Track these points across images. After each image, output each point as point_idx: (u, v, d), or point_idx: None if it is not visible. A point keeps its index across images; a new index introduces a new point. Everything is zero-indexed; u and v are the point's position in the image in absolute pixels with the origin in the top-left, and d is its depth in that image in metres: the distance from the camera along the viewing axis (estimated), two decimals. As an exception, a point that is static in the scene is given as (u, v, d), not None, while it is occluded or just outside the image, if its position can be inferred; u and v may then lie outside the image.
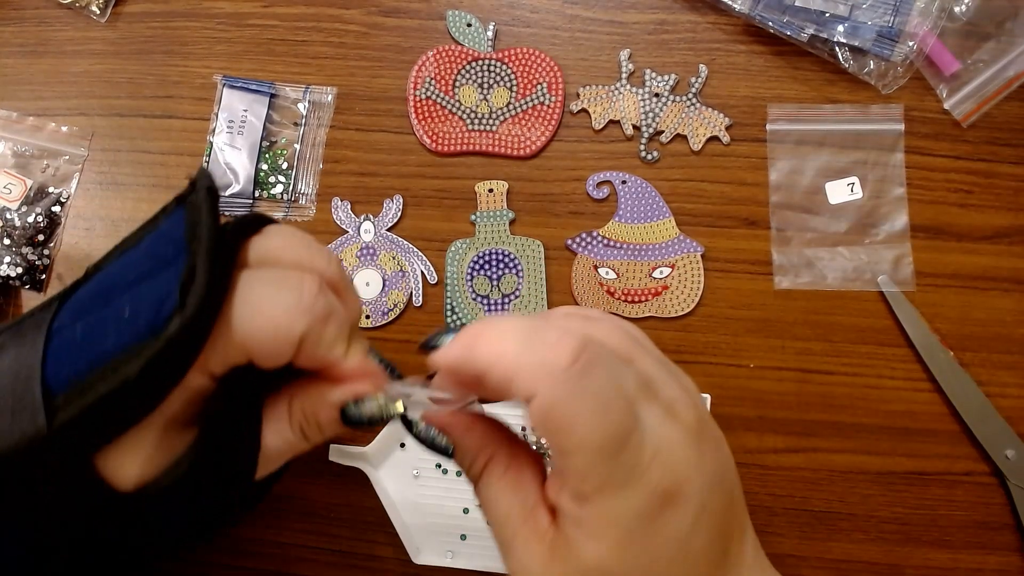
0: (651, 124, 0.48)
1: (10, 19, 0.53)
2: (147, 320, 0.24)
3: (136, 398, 0.25)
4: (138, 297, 0.25)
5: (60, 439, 0.24)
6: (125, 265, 0.27)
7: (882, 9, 0.46)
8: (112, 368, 0.24)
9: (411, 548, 0.43)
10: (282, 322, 0.26)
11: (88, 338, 0.25)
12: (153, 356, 0.24)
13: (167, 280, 0.25)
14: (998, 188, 0.46)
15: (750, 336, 0.46)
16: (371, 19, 0.51)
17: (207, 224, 0.26)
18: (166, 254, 0.26)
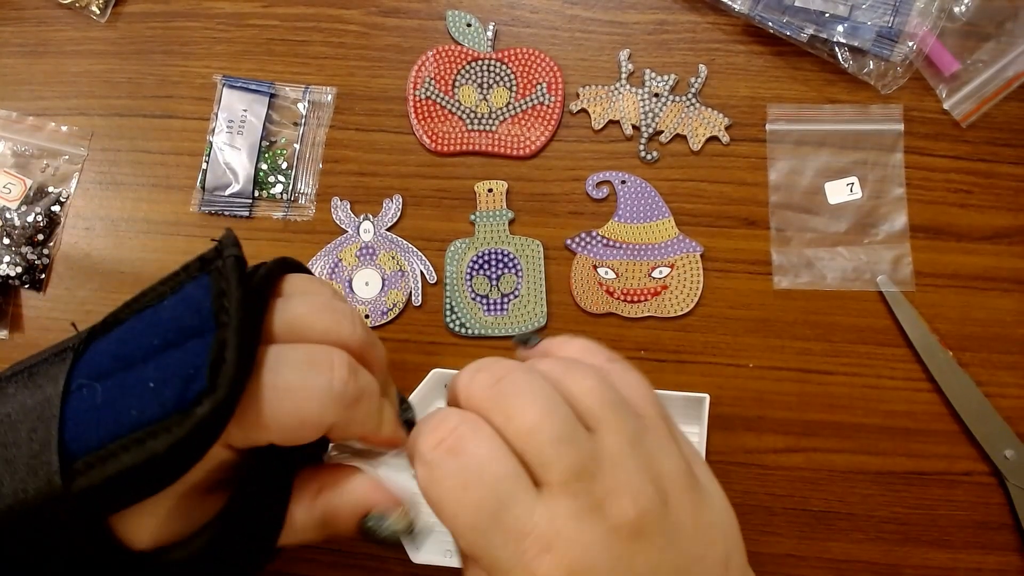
0: (651, 124, 0.48)
1: (10, 19, 0.53)
2: (173, 395, 0.24)
3: (158, 471, 0.24)
4: (164, 368, 0.25)
5: (77, 503, 0.24)
6: (147, 327, 0.26)
7: (882, 9, 0.46)
8: (137, 440, 0.24)
9: (410, 547, 0.42)
10: (312, 411, 0.25)
11: (110, 405, 0.24)
12: (184, 435, 0.23)
13: (195, 353, 0.24)
14: (998, 188, 0.46)
15: (749, 336, 0.46)
16: (371, 19, 0.51)
17: (236, 298, 0.25)
18: (192, 323, 0.25)
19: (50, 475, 0.23)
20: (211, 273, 0.27)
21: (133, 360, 0.25)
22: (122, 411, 0.24)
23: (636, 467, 0.24)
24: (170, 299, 0.27)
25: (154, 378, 0.24)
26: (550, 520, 0.22)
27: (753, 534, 0.44)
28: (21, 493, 0.23)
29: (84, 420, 0.24)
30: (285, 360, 0.25)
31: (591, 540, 0.22)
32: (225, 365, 0.24)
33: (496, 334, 0.47)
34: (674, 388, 0.45)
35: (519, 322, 0.47)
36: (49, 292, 0.50)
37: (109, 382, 0.25)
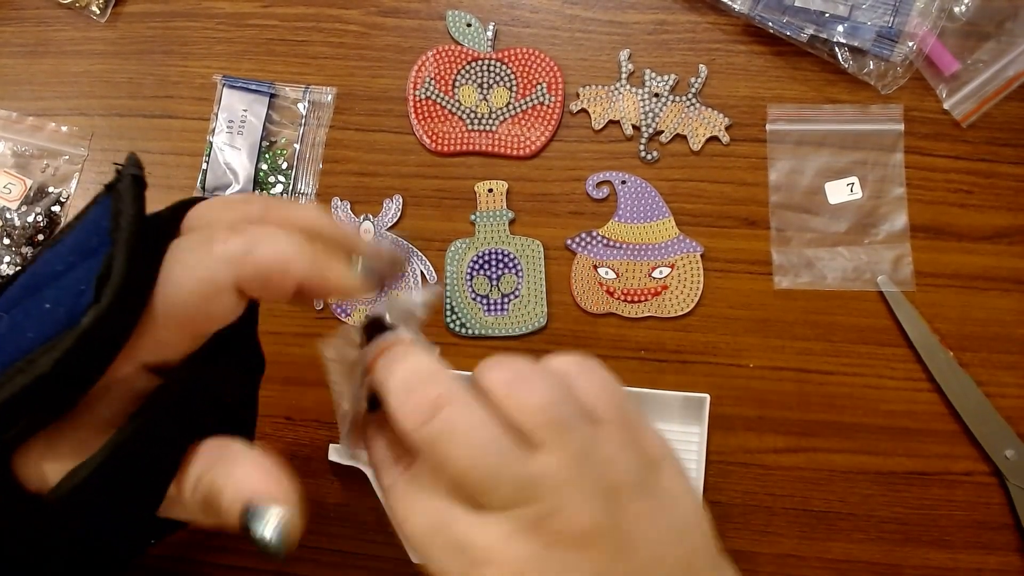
0: (651, 124, 0.48)
1: (10, 19, 0.53)
2: (66, 312, 0.23)
3: (53, 393, 0.24)
4: (60, 289, 0.24)
5: None
6: (53, 257, 0.26)
7: (882, 9, 0.46)
8: (30, 361, 0.23)
9: (410, 548, 0.42)
10: (201, 273, 0.25)
11: (13, 331, 0.24)
12: (67, 349, 0.23)
13: (87, 270, 0.24)
14: (998, 188, 0.46)
15: (750, 336, 0.46)
16: (371, 19, 0.51)
17: (129, 213, 0.25)
18: (90, 244, 0.25)
19: None
20: (111, 195, 0.26)
21: (37, 287, 0.25)
22: (20, 336, 0.24)
23: (580, 484, 0.24)
24: (77, 227, 0.26)
25: (51, 299, 0.24)
26: (485, 538, 0.23)
27: (754, 534, 0.44)
28: None
29: None
30: (176, 247, 0.25)
31: (528, 555, 0.23)
32: (112, 275, 0.23)
33: (496, 334, 0.47)
34: (675, 388, 0.45)
35: (519, 322, 0.47)
36: (49, 292, 0.50)
37: (14, 311, 0.24)
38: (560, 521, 0.23)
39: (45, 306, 0.24)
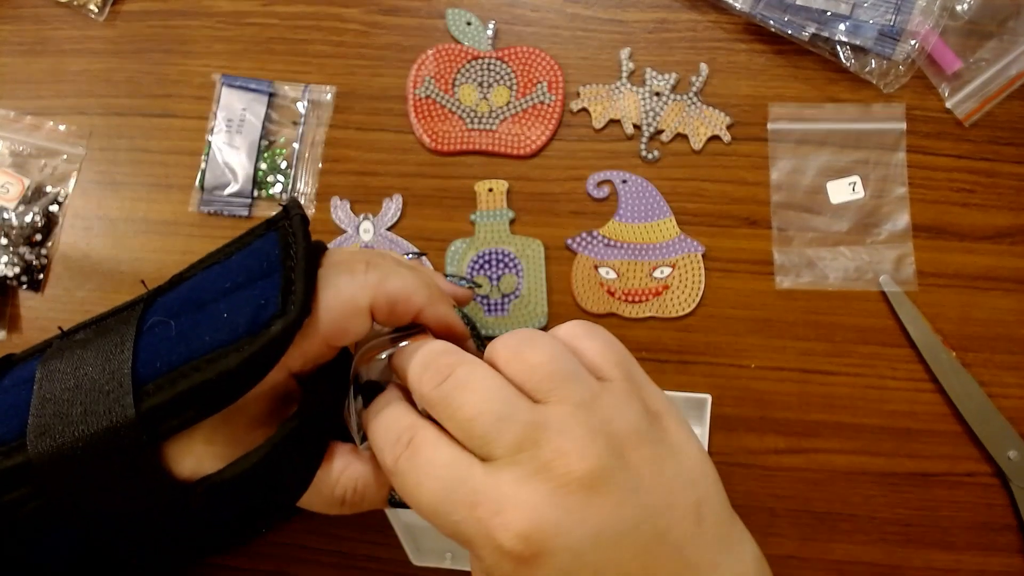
0: (652, 123, 0.48)
1: (8, 18, 0.53)
2: (246, 322, 0.27)
3: (225, 389, 0.27)
4: (236, 302, 0.28)
5: (145, 423, 0.26)
6: (217, 276, 0.29)
7: (884, 8, 0.46)
8: (209, 360, 0.27)
9: (410, 549, 0.42)
10: (349, 295, 0.29)
11: (184, 336, 0.27)
12: (255, 351, 0.27)
13: (264, 289, 0.28)
14: (1000, 187, 0.46)
15: (751, 336, 0.46)
16: (371, 18, 0.51)
17: (303, 244, 0.29)
18: (260, 269, 0.29)
19: (122, 399, 0.26)
20: (279, 229, 0.30)
21: (204, 302, 0.28)
22: (194, 339, 0.27)
23: (583, 429, 0.25)
24: (239, 254, 0.30)
25: (226, 310, 0.28)
26: (496, 487, 0.24)
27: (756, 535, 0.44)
28: (92, 419, 0.26)
29: (157, 352, 0.27)
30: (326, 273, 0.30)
31: (538, 499, 0.24)
32: (295, 291, 0.28)
33: (497, 334, 0.46)
34: (676, 388, 0.45)
35: (520, 322, 0.46)
36: (47, 292, 0.50)
37: (182, 319, 0.28)
38: (565, 463, 0.24)
39: (223, 315, 0.28)
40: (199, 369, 0.26)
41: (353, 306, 0.30)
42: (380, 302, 0.30)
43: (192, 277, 0.30)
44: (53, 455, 0.26)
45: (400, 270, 0.31)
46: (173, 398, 0.26)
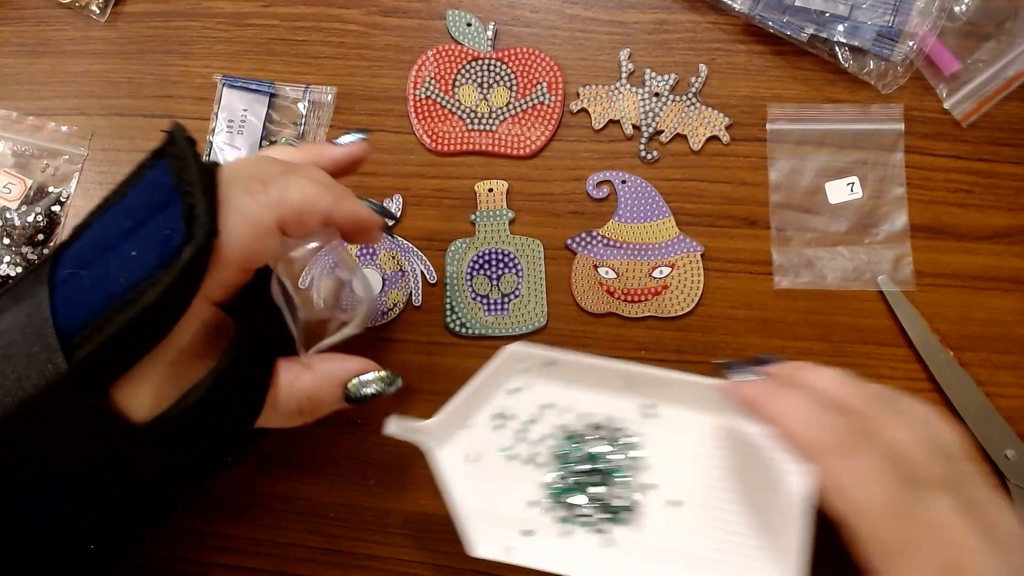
0: (651, 124, 0.48)
1: (10, 19, 0.53)
2: (156, 255, 0.27)
3: (151, 325, 0.28)
4: (141, 239, 0.28)
5: (80, 375, 0.26)
6: (117, 216, 0.29)
7: (882, 9, 0.46)
8: (129, 300, 0.27)
9: (465, 538, 0.39)
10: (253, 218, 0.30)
11: (97, 282, 0.27)
12: (171, 281, 0.27)
13: (167, 219, 0.28)
14: (998, 188, 0.46)
15: (750, 336, 0.46)
16: (371, 19, 0.51)
17: (195, 168, 0.29)
18: (157, 201, 0.29)
19: (51, 355, 0.26)
20: (167, 156, 0.30)
21: (110, 244, 0.28)
22: (109, 283, 0.27)
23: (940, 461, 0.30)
24: (132, 191, 0.30)
25: (134, 249, 0.28)
26: (922, 501, 0.28)
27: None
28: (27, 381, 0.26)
29: (75, 302, 0.27)
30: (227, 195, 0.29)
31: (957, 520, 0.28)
32: (198, 217, 0.28)
33: (497, 334, 0.47)
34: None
35: (519, 322, 0.47)
36: (49, 292, 0.50)
37: (92, 267, 0.28)
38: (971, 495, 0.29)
39: (131, 254, 0.28)
40: (120, 311, 0.27)
41: (261, 228, 0.30)
42: (287, 217, 0.30)
43: (92, 224, 0.30)
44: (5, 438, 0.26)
45: (297, 180, 0.31)
46: (103, 344, 0.26)
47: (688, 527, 0.39)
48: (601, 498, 0.39)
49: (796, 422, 0.31)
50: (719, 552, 0.38)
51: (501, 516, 0.40)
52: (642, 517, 0.39)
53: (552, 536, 0.39)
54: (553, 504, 0.40)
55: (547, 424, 0.41)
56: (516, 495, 0.40)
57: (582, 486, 0.40)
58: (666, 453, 0.40)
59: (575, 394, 0.41)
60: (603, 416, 0.41)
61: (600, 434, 0.41)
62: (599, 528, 0.39)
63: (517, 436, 0.41)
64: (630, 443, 0.40)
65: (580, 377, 0.41)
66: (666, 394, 0.40)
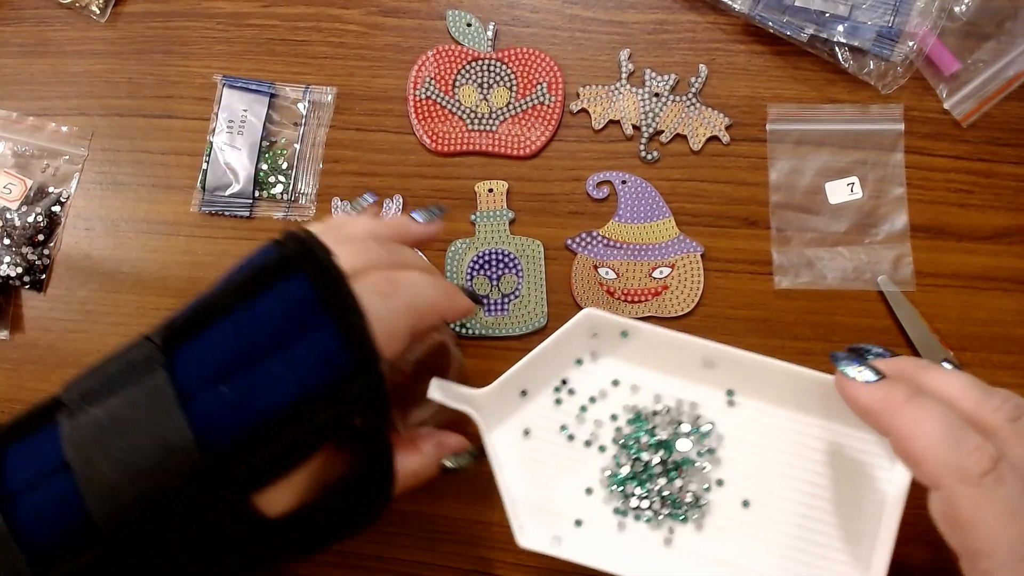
0: (651, 124, 0.48)
1: (10, 19, 0.53)
2: (318, 380, 0.28)
3: (309, 445, 0.28)
4: (294, 359, 0.28)
5: (228, 488, 0.27)
6: (250, 326, 0.29)
7: (882, 9, 0.46)
8: (290, 421, 0.27)
9: (515, 524, 0.35)
10: (390, 326, 0.30)
11: (248, 401, 0.27)
12: (344, 408, 0.28)
13: (321, 341, 0.28)
14: (998, 188, 0.46)
15: (750, 336, 0.46)
16: (371, 19, 0.51)
17: (345, 290, 0.29)
18: (302, 316, 0.29)
19: (193, 471, 0.26)
20: (306, 271, 0.30)
21: (248, 360, 0.28)
22: (260, 402, 0.27)
23: None
24: (266, 299, 0.29)
25: (287, 370, 0.28)
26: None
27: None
28: (168, 497, 0.26)
29: (220, 419, 0.27)
30: (364, 303, 0.30)
31: None
32: (365, 346, 0.28)
33: (497, 334, 0.47)
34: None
35: (519, 322, 0.47)
36: (49, 292, 0.50)
37: (235, 382, 0.27)
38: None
39: (285, 376, 0.28)
40: (281, 432, 0.27)
41: (397, 333, 0.31)
42: (414, 322, 0.32)
43: (212, 328, 0.29)
44: (133, 540, 0.26)
45: (417, 281, 0.33)
46: (255, 465, 0.27)
47: (759, 533, 0.35)
48: (665, 491, 0.36)
49: (928, 442, 0.27)
50: (790, 561, 0.35)
51: (553, 501, 0.37)
52: (708, 517, 0.36)
53: (606, 529, 0.36)
54: (611, 493, 0.37)
55: (613, 404, 0.37)
56: (571, 480, 0.37)
57: (645, 476, 0.36)
58: (742, 448, 0.36)
59: (647, 373, 0.37)
60: (676, 400, 0.37)
61: (670, 420, 0.37)
62: (659, 525, 0.36)
63: (579, 414, 0.37)
64: (704, 433, 0.37)
65: (655, 354, 0.37)
66: (750, 381, 0.36)
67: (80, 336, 0.50)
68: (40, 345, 0.50)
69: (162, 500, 0.26)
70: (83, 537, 0.26)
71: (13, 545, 0.25)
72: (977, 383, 0.28)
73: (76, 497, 0.26)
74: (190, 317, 0.29)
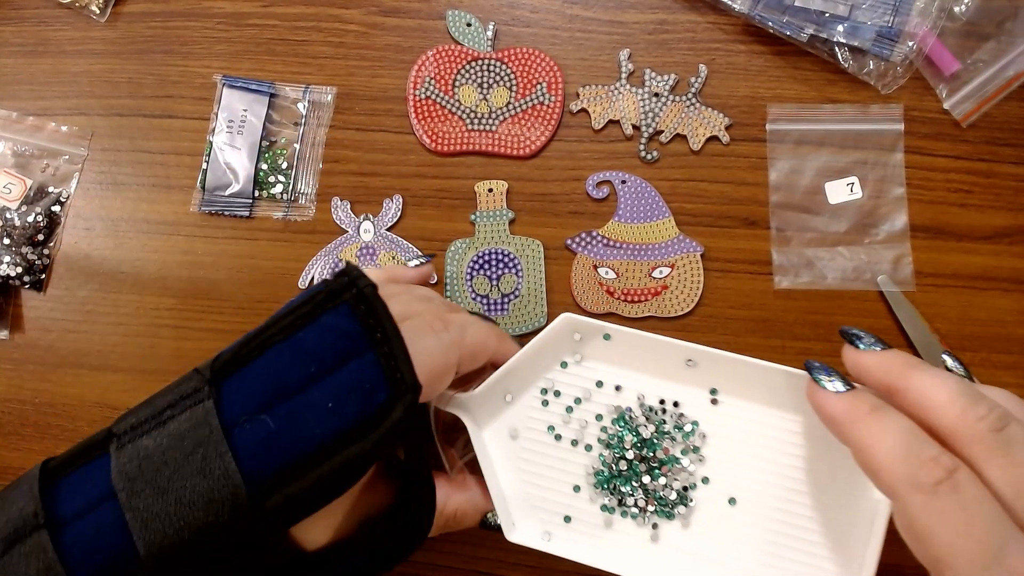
0: (651, 124, 0.48)
1: (10, 19, 0.53)
2: (357, 411, 0.28)
3: (351, 476, 0.28)
4: (335, 390, 0.28)
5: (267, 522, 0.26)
6: (292, 357, 0.29)
7: (882, 9, 0.46)
8: (328, 452, 0.27)
9: (506, 522, 0.36)
10: (440, 360, 0.31)
11: (287, 432, 0.27)
12: (380, 437, 0.27)
13: (363, 370, 0.28)
14: (998, 188, 0.46)
15: (750, 336, 0.46)
16: (371, 19, 0.51)
17: (387, 321, 0.29)
18: (344, 347, 0.29)
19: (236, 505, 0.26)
20: (348, 302, 0.30)
21: (290, 389, 0.28)
22: (302, 432, 0.27)
23: None
24: (309, 331, 0.29)
25: (329, 400, 0.28)
26: None
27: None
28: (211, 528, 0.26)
29: (260, 448, 0.27)
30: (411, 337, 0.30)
31: None
32: (403, 374, 0.28)
33: (496, 334, 0.47)
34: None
35: (519, 322, 0.47)
36: (49, 292, 0.50)
37: (276, 411, 0.27)
38: None
39: (327, 405, 0.28)
40: (319, 462, 0.27)
41: (446, 367, 0.31)
42: (464, 356, 0.32)
43: (258, 359, 0.29)
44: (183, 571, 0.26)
45: (472, 323, 0.34)
46: (297, 493, 0.27)
47: (744, 530, 0.36)
48: (651, 489, 0.37)
49: (885, 453, 0.27)
50: (776, 559, 0.35)
51: (543, 500, 0.38)
52: (695, 515, 0.36)
53: (594, 526, 0.37)
54: (598, 491, 0.37)
55: (598, 404, 0.38)
56: (560, 478, 0.38)
57: (631, 474, 0.37)
58: (727, 446, 0.37)
59: (630, 374, 0.38)
60: (660, 399, 0.38)
61: (655, 419, 0.38)
62: (645, 522, 0.37)
63: (565, 414, 0.38)
64: (687, 432, 0.37)
65: (637, 356, 0.38)
66: (733, 380, 0.37)
67: (80, 336, 0.50)
68: (40, 345, 0.50)
69: (205, 530, 0.26)
70: (126, 564, 0.26)
71: (61, 570, 0.26)
72: (965, 389, 0.27)
73: (121, 525, 0.26)
74: (237, 350, 0.29)
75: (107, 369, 0.49)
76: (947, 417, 0.27)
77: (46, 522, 0.26)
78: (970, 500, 0.25)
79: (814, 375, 0.31)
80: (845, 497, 0.35)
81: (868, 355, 0.30)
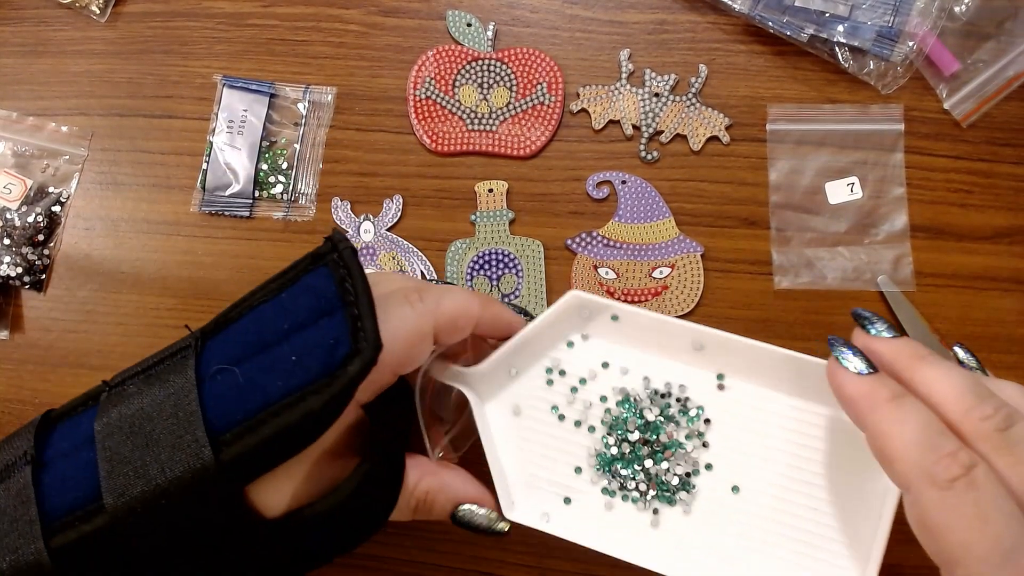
0: (651, 124, 0.48)
1: (10, 19, 0.53)
2: (318, 363, 0.27)
3: (305, 431, 0.28)
4: (302, 344, 0.28)
5: (226, 472, 0.26)
6: (271, 316, 0.30)
7: (882, 9, 0.46)
8: (288, 405, 0.27)
9: (505, 500, 0.35)
10: (413, 326, 0.31)
11: (253, 382, 0.28)
12: (336, 392, 0.27)
13: (330, 328, 0.28)
14: (998, 188, 0.46)
15: (750, 336, 0.45)
16: (371, 19, 0.51)
17: (360, 279, 0.29)
18: (318, 307, 0.29)
19: (198, 450, 0.26)
20: (328, 263, 0.30)
21: (265, 344, 0.29)
22: (267, 384, 0.27)
23: None
24: (289, 291, 0.30)
25: (294, 353, 0.28)
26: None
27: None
28: (170, 471, 0.26)
29: (226, 399, 0.27)
30: (385, 305, 0.30)
31: None
32: (365, 330, 0.28)
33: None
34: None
35: (519, 322, 0.47)
36: (50, 292, 0.50)
37: (246, 365, 0.28)
38: None
39: (291, 359, 0.28)
40: (278, 414, 0.27)
41: (419, 335, 0.31)
42: (442, 324, 0.32)
43: (241, 318, 0.30)
44: (135, 513, 0.26)
45: (449, 289, 0.33)
46: (256, 445, 0.27)
47: (746, 519, 0.35)
48: (653, 473, 0.36)
49: (902, 443, 0.26)
50: (778, 548, 0.35)
51: (543, 479, 0.37)
52: (697, 501, 0.36)
53: (594, 508, 0.36)
54: (600, 474, 0.37)
55: (603, 385, 0.37)
56: (562, 458, 0.37)
57: (633, 457, 0.36)
58: (732, 432, 0.36)
59: (637, 355, 0.38)
60: (666, 383, 0.37)
61: (661, 402, 0.37)
62: (646, 506, 0.36)
63: (569, 394, 0.38)
64: (692, 416, 0.37)
65: (644, 337, 0.37)
66: (740, 365, 0.36)
67: (80, 336, 0.50)
68: (40, 345, 0.50)
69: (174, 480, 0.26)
70: (92, 504, 0.27)
71: (34, 507, 0.27)
72: (973, 386, 0.27)
73: (95, 468, 0.27)
74: (228, 311, 0.31)
75: (107, 369, 0.49)
76: (952, 414, 0.27)
77: (32, 460, 0.28)
78: (986, 498, 0.24)
79: (835, 352, 0.30)
80: (850, 488, 0.34)
81: (877, 341, 0.30)
